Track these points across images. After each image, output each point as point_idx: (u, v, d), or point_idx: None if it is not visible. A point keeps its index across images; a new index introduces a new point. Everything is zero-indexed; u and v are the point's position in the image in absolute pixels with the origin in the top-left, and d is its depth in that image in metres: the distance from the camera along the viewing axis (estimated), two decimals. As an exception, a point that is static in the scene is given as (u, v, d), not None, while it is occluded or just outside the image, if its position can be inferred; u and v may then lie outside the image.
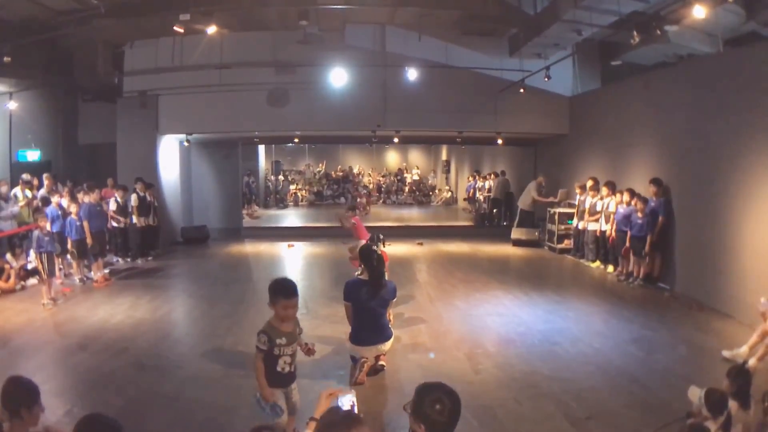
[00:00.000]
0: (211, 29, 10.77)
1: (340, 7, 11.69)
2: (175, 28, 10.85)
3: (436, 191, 30.19)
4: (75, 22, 11.96)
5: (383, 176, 31.66)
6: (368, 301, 5.55)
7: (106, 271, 11.23)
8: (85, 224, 10.68)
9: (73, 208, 10.60)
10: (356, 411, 2.72)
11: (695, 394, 4.18)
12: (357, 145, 29.48)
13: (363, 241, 9.85)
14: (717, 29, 9.98)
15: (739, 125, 8.25)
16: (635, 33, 9.45)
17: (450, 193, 28.22)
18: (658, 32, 9.24)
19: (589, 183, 12.34)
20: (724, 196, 8.56)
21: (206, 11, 10.92)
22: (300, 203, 27.51)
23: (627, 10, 9.93)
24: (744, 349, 6.40)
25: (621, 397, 5.54)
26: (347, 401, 2.74)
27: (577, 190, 13.00)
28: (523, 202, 15.63)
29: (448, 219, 22.26)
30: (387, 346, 5.77)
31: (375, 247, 5.72)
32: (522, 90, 13.66)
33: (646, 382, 5.89)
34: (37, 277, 9.78)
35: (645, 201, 10.14)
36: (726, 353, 6.50)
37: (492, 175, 20.56)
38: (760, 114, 7.76)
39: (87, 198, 11.20)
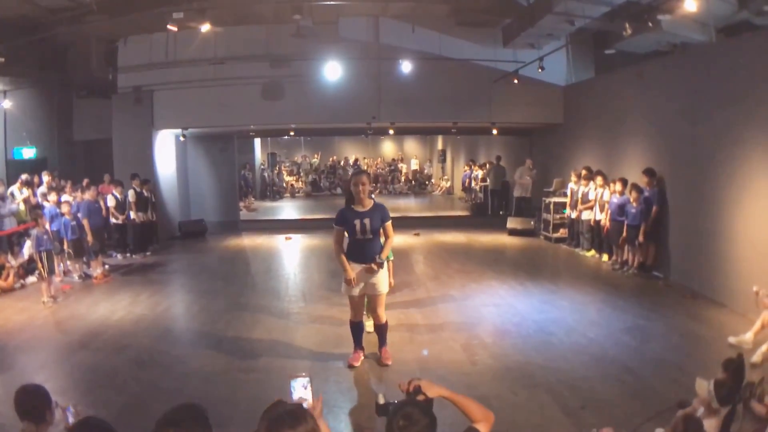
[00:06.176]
0: (205, 27, 10.76)
1: (332, 3, 11.68)
2: (168, 26, 10.86)
3: (433, 181, 30.18)
4: (68, 20, 11.95)
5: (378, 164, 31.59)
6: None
7: (106, 267, 11.30)
8: (85, 222, 10.75)
9: (65, 208, 10.60)
10: (311, 395, 2.63)
11: (703, 386, 4.25)
12: (353, 136, 29.41)
13: None
14: (709, 18, 10.03)
15: (732, 115, 8.29)
16: (627, 25, 9.49)
17: (449, 183, 28.23)
18: (650, 24, 9.28)
19: (583, 172, 12.41)
20: (717, 185, 8.62)
21: (199, 8, 10.92)
22: (296, 195, 27.56)
23: (619, 0, 9.97)
24: (749, 336, 6.46)
25: (614, 387, 5.65)
26: (299, 385, 2.65)
27: (573, 178, 12.99)
28: (518, 190, 15.82)
29: (445, 209, 22.29)
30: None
31: None
32: (516, 80, 13.67)
33: (639, 371, 5.99)
34: (37, 275, 9.84)
35: (639, 190, 10.22)
36: (732, 339, 6.57)
37: (488, 165, 20.59)
38: (754, 104, 7.80)
39: (85, 195, 11.26)
